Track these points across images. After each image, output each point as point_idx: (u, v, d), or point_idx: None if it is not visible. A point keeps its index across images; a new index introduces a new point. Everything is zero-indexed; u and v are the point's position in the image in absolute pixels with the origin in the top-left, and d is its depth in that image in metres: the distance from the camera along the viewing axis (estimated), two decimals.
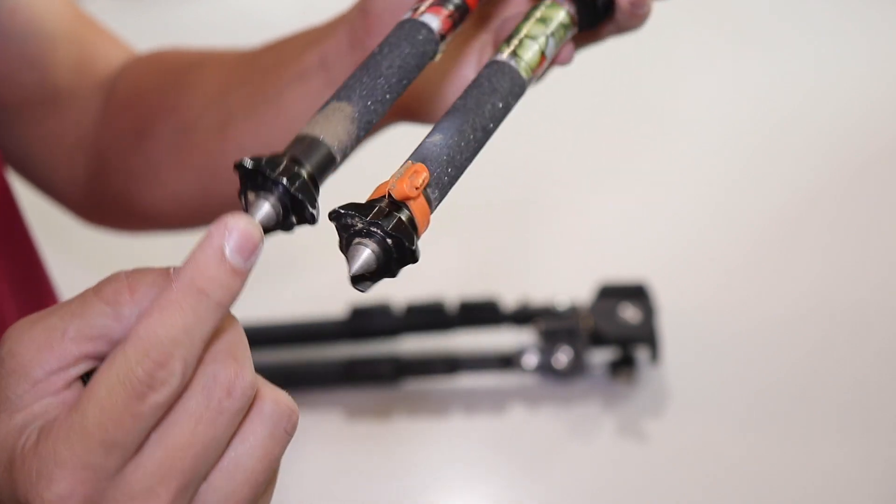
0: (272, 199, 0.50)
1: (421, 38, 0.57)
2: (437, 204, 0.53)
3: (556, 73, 1.62)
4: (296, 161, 0.51)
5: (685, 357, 1.21)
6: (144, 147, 0.77)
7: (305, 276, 1.32)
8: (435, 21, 0.57)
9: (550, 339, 1.18)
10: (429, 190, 0.53)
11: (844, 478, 1.11)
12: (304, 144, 0.52)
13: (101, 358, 0.45)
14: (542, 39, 0.60)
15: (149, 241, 1.34)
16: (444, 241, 1.35)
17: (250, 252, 0.46)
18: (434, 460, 1.13)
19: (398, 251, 0.51)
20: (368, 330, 1.21)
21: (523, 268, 1.32)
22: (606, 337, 1.18)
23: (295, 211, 0.52)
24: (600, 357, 1.20)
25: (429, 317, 1.21)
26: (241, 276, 0.46)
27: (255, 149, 0.72)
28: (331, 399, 1.18)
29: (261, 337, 1.21)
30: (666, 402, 1.17)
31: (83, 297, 0.45)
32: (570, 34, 0.63)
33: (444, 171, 0.54)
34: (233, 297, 0.46)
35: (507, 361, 1.18)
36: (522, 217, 1.39)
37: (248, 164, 0.50)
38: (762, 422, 1.16)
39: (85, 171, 0.80)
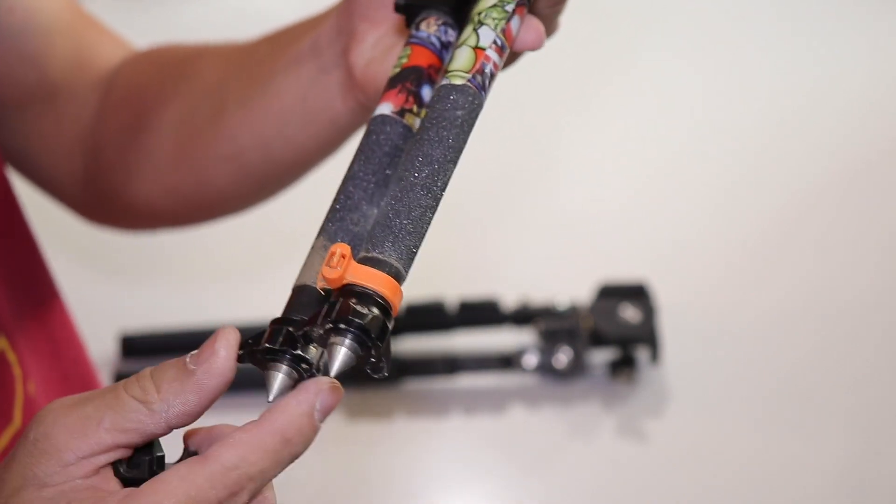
0: (284, 370, 0.51)
1: (384, 135, 0.57)
2: (407, 265, 0.52)
3: (557, 74, 1.62)
4: (289, 321, 0.51)
5: (685, 357, 1.21)
6: (142, 141, 0.78)
7: None
8: (387, 108, 0.58)
9: (550, 340, 1.18)
10: (382, 256, 0.51)
11: (846, 477, 1.11)
12: (301, 297, 0.52)
13: (130, 447, 0.49)
14: (471, 37, 0.58)
15: (149, 239, 1.34)
16: (444, 242, 1.34)
17: (330, 413, 0.51)
18: (434, 460, 1.13)
19: (373, 334, 0.49)
20: None
21: (523, 268, 1.32)
22: (606, 337, 1.18)
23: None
24: (600, 357, 1.20)
25: (429, 317, 1.21)
26: (318, 432, 0.51)
27: (246, 139, 0.73)
28: None
29: None
30: (666, 402, 1.17)
31: (115, 392, 0.49)
32: (509, 8, 0.59)
33: (395, 234, 0.52)
34: (307, 449, 0.52)
35: (507, 361, 1.18)
36: (522, 217, 1.39)
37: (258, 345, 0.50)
38: (762, 421, 1.16)
39: (83, 167, 0.81)
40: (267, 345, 0.49)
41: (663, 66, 1.60)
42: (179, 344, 1.22)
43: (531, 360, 1.18)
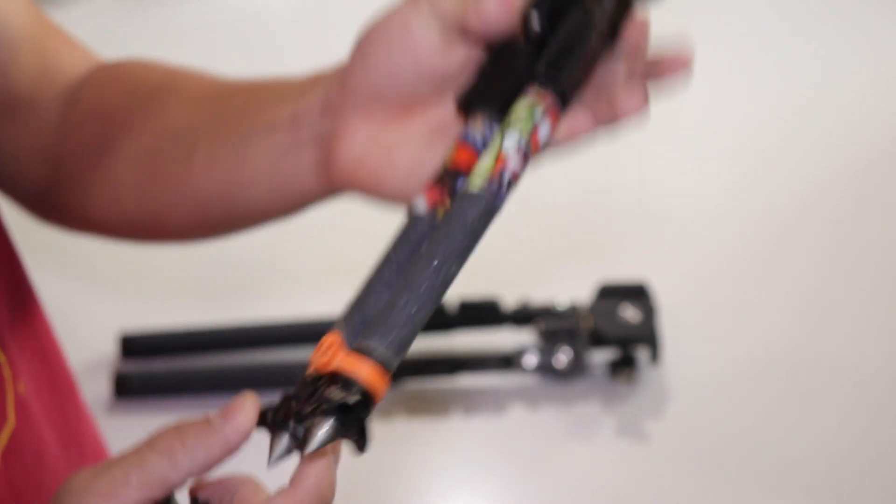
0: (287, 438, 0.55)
1: (416, 234, 0.59)
2: (397, 355, 0.57)
3: None
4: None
5: (685, 357, 1.21)
6: (104, 165, 0.77)
7: (306, 276, 1.32)
8: (422, 202, 0.60)
9: (550, 340, 1.18)
10: (373, 345, 0.56)
11: (847, 477, 1.11)
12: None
13: (156, 501, 0.53)
14: (497, 141, 0.60)
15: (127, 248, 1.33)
16: None
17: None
18: (434, 461, 1.13)
19: (350, 419, 0.54)
20: None
21: (523, 268, 1.31)
22: (606, 337, 1.18)
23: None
24: (600, 357, 1.19)
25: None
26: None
27: (211, 190, 0.72)
28: None
29: (259, 338, 1.21)
30: (666, 402, 1.17)
31: (139, 452, 0.53)
32: (538, 114, 0.60)
33: (390, 325, 0.56)
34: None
35: (507, 361, 1.18)
36: (522, 217, 1.38)
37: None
38: (763, 422, 1.15)
39: (44, 175, 0.80)
40: (273, 415, 0.54)
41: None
42: (179, 345, 1.22)
43: (531, 360, 1.17)
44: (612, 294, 1.20)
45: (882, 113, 1.52)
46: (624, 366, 1.17)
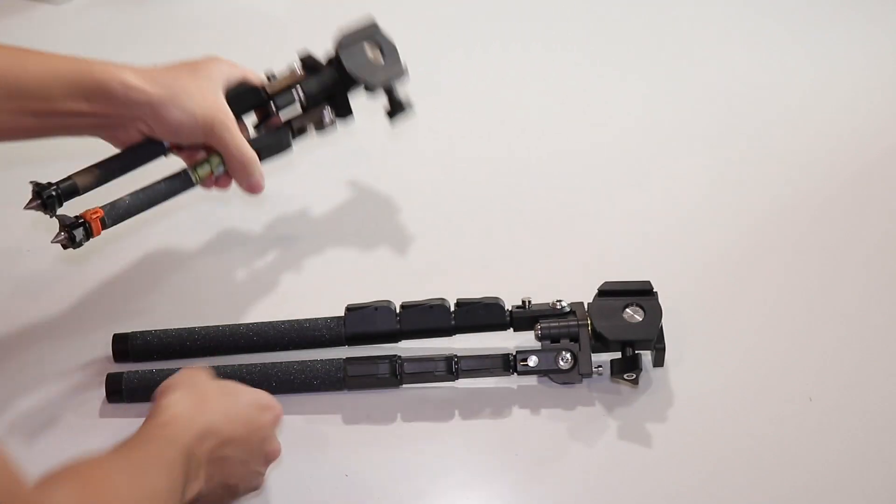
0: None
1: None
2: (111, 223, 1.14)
3: (558, 73, 1.60)
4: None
5: (687, 358, 1.20)
6: None
7: (304, 276, 1.31)
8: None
9: (551, 341, 1.17)
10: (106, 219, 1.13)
11: (849, 480, 1.10)
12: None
13: None
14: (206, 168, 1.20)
15: (146, 240, 1.33)
16: (444, 242, 1.33)
17: None
18: (435, 463, 1.13)
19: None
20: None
21: (524, 268, 1.31)
22: (608, 338, 1.17)
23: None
24: (601, 358, 1.18)
25: (430, 318, 1.20)
26: None
27: None
28: (331, 402, 1.17)
29: (252, 339, 1.20)
30: (668, 403, 1.17)
31: None
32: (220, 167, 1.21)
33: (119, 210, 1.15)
34: None
35: (507, 363, 1.17)
36: (523, 217, 1.38)
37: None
38: (765, 423, 1.15)
39: None
40: None
41: (663, 65, 1.60)
42: (171, 346, 1.20)
43: (532, 361, 1.16)
44: (614, 294, 1.19)
45: (885, 113, 1.51)
46: (626, 367, 1.16)
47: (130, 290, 1.29)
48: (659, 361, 1.18)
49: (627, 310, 1.18)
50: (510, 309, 1.20)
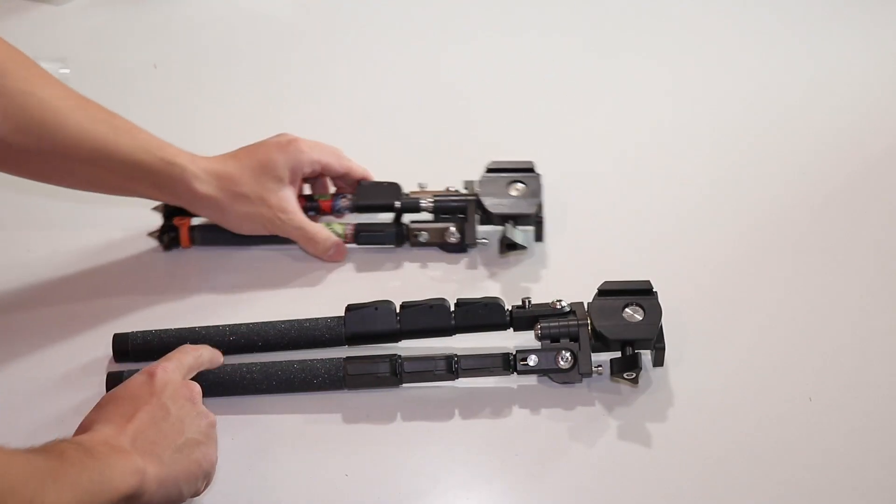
0: None
1: None
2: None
3: (558, 71, 1.61)
4: None
5: (687, 358, 1.20)
6: None
7: (304, 276, 1.31)
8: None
9: (551, 340, 1.17)
10: None
11: (851, 480, 1.10)
12: None
13: None
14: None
15: (144, 240, 1.32)
16: None
17: None
18: (434, 463, 1.13)
19: None
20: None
21: (524, 268, 1.30)
22: (608, 337, 1.16)
23: None
24: (601, 357, 1.18)
25: (430, 318, 1.20)
26: None
27: None
28: (331, 402, 1.17)
29: (253, 339, 1.20)
30: (668, 403, 1.16)
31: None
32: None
33: None
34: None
35: (507, 362, 1.17)
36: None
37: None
38: (765, 423, 1.15)
39: None
40: None
41: (663, 65, 1.59)
42: (172, 344, 1.20)
43: (532, 360, 1.16)
44: (614, 294, 1.19)
45: (885, 113, 1.51)
46: (626, 366, 1.16)
47: (130, 290, 1.28)
48: (659, 361, 1.18)
49: (627, 309, 1.18)
50: (510, 308, 1.21)
